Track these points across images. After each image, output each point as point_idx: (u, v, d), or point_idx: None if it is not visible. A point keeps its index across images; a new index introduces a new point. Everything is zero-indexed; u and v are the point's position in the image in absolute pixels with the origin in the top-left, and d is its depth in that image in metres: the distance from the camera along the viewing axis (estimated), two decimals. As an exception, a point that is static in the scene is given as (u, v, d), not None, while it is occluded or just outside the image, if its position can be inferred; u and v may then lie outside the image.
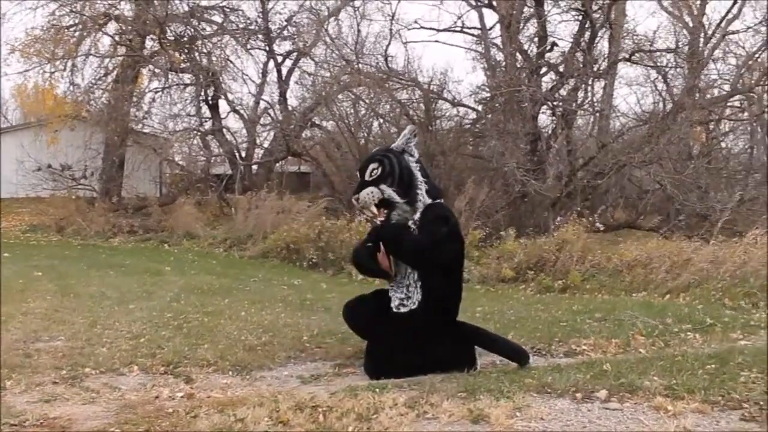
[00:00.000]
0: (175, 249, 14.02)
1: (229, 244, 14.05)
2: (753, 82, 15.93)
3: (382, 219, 4.59)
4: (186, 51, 18.17)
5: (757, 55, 16.64)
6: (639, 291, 8.60)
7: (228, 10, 18.73)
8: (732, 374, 3.99)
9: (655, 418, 3.35)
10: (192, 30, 18.22)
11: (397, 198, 4.53)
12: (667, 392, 3.65)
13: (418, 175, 4.63)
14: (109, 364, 4.65)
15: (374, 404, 3.57)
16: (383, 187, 4.53)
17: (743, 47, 17.67)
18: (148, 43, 18.89)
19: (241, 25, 18.71)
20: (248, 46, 18.83)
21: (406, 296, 4.50)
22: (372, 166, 4.58)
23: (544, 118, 15.96)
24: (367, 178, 4.58)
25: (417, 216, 4.55)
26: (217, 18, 18.90)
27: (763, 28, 17.71)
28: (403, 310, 4.50)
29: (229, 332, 5.68)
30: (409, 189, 4.56)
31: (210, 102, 18.74)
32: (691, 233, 11.77)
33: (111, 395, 4.02)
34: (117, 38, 18.87)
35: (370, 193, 4.55)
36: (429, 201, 4.60)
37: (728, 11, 17.07)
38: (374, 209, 4.58)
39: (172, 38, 17.99)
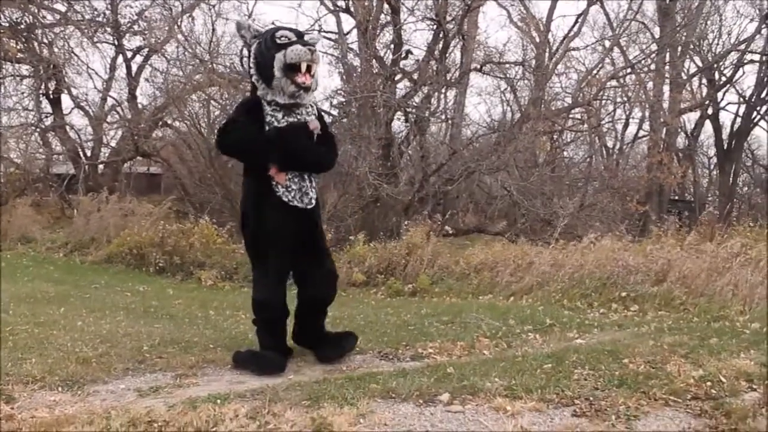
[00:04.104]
0: (8, 254, 12.95)
1: (70, 248, 13.21)
2: (591, 96, 17.04)
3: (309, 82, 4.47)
4: (23, 39, 16.87)
5: (594, 71, 17.86)
6: (485, 294, 8.91)
7: (73, -2, 17.59)
8: (566, 372, 4.18)
9: (495, 419, 3.43)
10: (30, 17, 16.94)
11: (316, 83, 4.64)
12: (507, 393, 3.75)
13: None
14: None
15: (214, 416, 3.42)
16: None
17: (583, 63, 18.98)
18: (-23, 28, 17.42)
19: (87, 16, 17.54)
20: (95, 39, 17.73)
21: (307, 192, 4.62)
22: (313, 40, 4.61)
23: (398, 124, 16.29)
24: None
25: (315, 111, 4.71)
26: (61, 6, 17.63)
27: (600, 47, 19.09)
28: (312, 205, 4.65)
29: (61, 344, 5.25)
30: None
31: (51, 96, 17.57)
32: (535, 237, 12.38)
33: None
34: (-61, 20, 17.25)
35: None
36: None
37: (570, 29, 18.37)
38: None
39: (7, 24, 16.63)
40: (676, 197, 24.30)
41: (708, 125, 24.78)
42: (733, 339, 5.28)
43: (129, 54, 18.36)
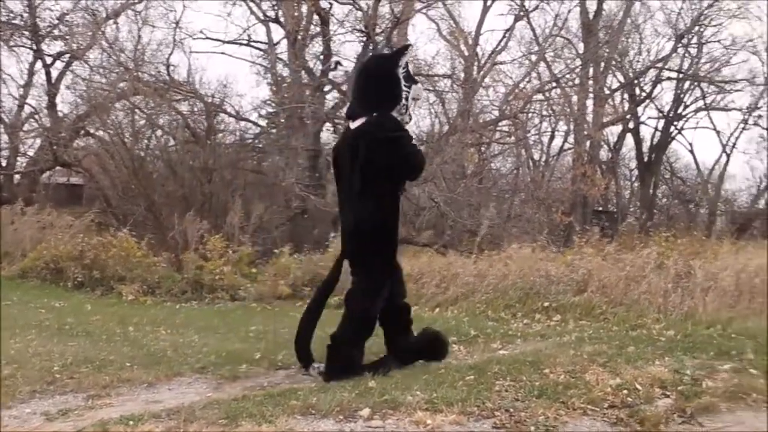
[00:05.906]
0: None
1: (-20, 263, 12.58)
2: (518, 109, 17.35)
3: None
4: (-69, 41, 16.08)
5: (521, 85, 18.20)
6: (412, 305, 8.86)
7: (-14, -1, 16.85)
8: (488, 384, 4.18)
9: (415, 433, 3.39)
10: (-63, 18, 16.17)
11: None
12: (428, 406, 3.72)
13: None
14: None
15: (126, 439, 3.30)
16: None
17: (510, 77, 19.32)
18: None
19: (2, 18, 16.87)
20: (11, 43, 17.07)
21: None
22: None
23: (327, 136, 16.21)
24: None
25: None
26: (-27, 8, 16.93)
27: (527, 61, 19.49)
28: None
29: (-37, 366, 5.00)
30: None
31: (-38, 102, 16.80)
32: (462, 249, 12.47)
33: None
34: None
35: None
36: None
37: (498, 44, 18.70)
38: None
39: None
40: (600, 208, 24.92)
41: (629, 138, 25.56)
42: (649, 347, 5.42)
43: (48, 60, 17.71)
